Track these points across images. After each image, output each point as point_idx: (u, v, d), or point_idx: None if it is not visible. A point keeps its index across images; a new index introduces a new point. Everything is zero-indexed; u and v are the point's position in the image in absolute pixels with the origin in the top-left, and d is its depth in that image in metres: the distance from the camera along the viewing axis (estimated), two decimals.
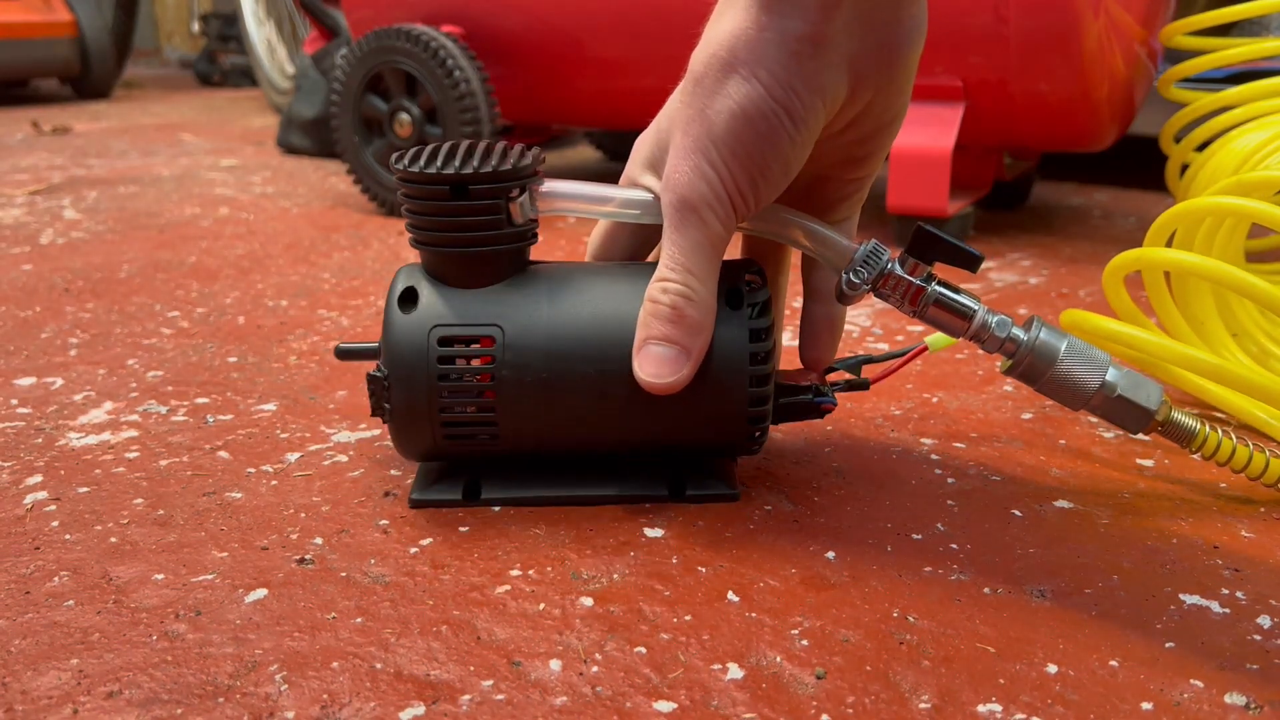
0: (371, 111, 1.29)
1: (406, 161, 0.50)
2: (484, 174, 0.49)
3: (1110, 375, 0.50)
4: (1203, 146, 0.94)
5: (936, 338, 0.55)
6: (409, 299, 0.50)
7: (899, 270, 0.49)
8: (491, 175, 0.49)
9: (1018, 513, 0.52)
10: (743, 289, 0.51)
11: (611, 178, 0.52)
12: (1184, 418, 0.51)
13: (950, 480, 0.56)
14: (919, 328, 0.84)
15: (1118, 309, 0.63)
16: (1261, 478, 0.52)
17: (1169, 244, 0.62)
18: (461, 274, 0.51)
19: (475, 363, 0.50)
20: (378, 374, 0.50)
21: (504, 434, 0.51)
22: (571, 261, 0.54)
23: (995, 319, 0.50)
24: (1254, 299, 0.53)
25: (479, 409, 0.50)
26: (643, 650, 0.41)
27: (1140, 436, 0.61)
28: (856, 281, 0.49)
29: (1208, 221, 0.64)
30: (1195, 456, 0.52)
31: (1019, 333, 0.50)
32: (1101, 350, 0.50)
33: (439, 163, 0.49)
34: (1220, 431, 0.51)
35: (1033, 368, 0.50)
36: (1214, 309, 0.64)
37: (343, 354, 0.54)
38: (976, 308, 0.50)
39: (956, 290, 0.50)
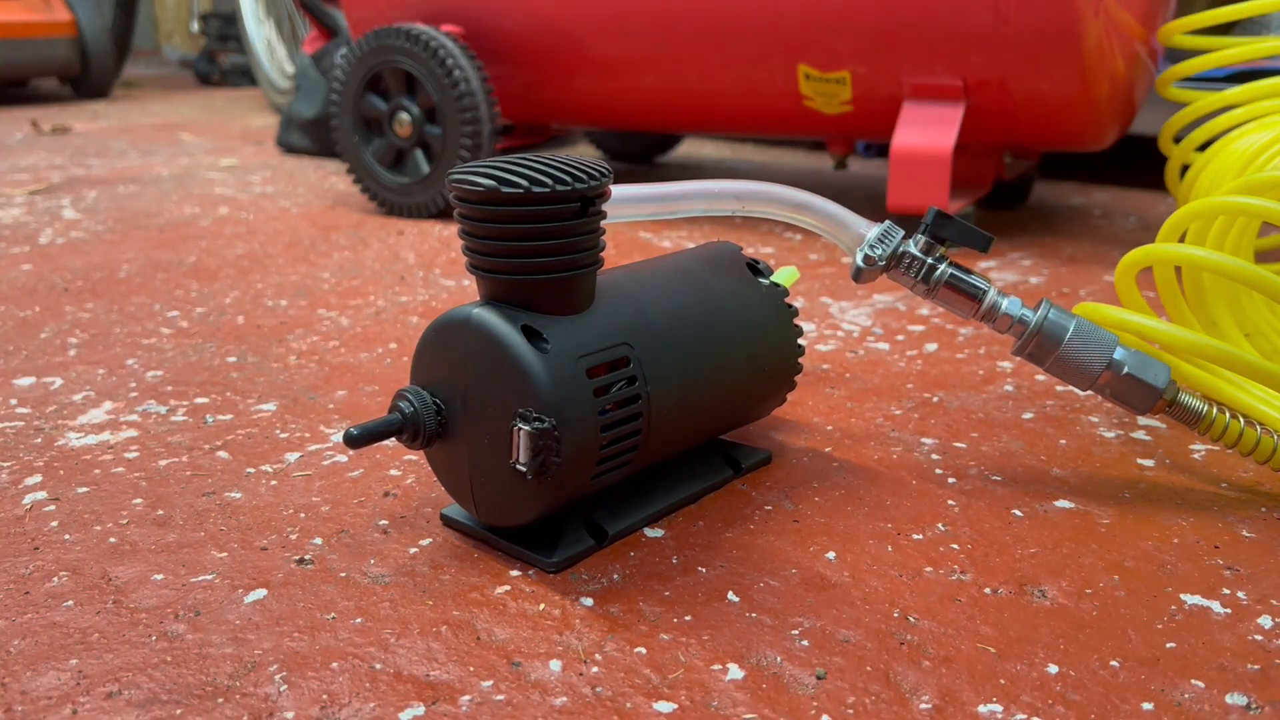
0: (371, 111, 1.29)
1: (507, 182, 0.43)
2: (599, 187, 0.44)
3: (1118, 354, 0.50)
4: (1203, 147, 0.94)
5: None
6: (534, 335, 0.44)
7: (913, 249, 0.51)
8: (602, 188, 0.45)
9: (1018, 513, 0.52)
10: (757, 262, 0.56)
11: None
12: (1191, 399, 0.51)
13: (950, 480, 0.56)
14: (920, 327, 0.84)
15: (1130, 307, 0.63)
16: (1270, 461, 0.52)
17: (1181, 242, 0.62)
18: (570, 297, 0.46)
19: (623, 386, 0.46)
20: (542, 425, 0.42)
21: (639, 457, 0.48)
22: (613, 268, 0.52)
23: (1005, 300, 0.51)
24: (1266, 293, 0.53)
25: (630, 435, 0.46)
26: (643, 650, 0.41)
27: (1145, 427, 0.61)
28: (873, 257, 0.51)
29: (1219, 221, 0.64)
30: (1201, 448, 0.52)
31: (1028, 313, 0.51)
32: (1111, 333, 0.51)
33: (527, 181, 0.43)
34: (1228, 414, 0.52)
35: (1041, 347, 0.51)
36: (1227, 308, 0.64)
37: (357, 440, 0.45)
38: (987, 288, 0.51)
39: (968, 271, 0.52)
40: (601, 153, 1.83)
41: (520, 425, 0.43)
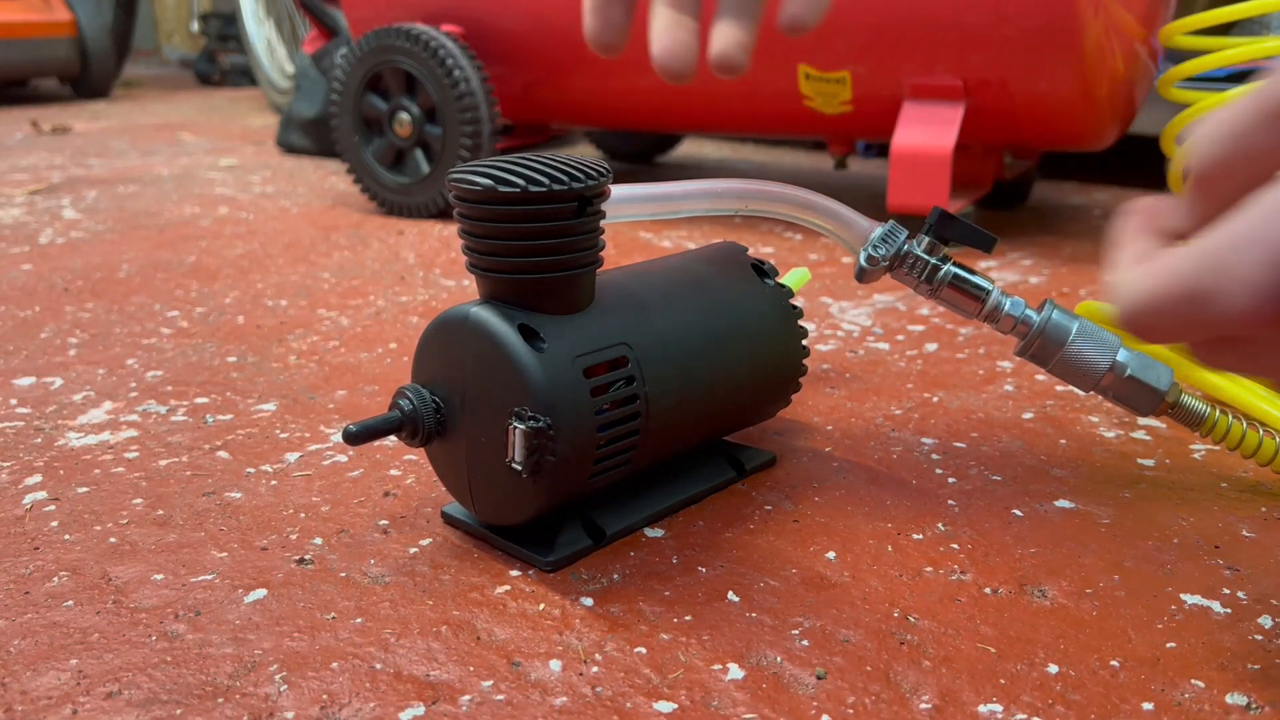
0: (371, 111, 1.29)
1: (505, 181, 0.42)
2: (597, 187, 0.44)
3: (1121, 356, 0.50)
4: None
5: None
6: (531, 335, 0.44)
7: (916, 250, 0.51)
8: (600, 188, 0.45)
9: (1018, 512, 0.52)
10: (762, 263, 0.56)
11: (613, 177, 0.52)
12: (1194, 401, 0.51)
13: (950, 480, 0.56)
14: (920, 327, 0.84)
15: None
16: (1271, 464, 0.52)
17: None
18: (568, 297, 0.46)
19: (621, 386, 0.46)
20: (536, 424, 0.42)
21: (636, 458, 0.48)
22: (616, 268, 0.52)
23: (1009, 300, 0.51)
24: None
25: (628, 435, 0.46)
26: (643, 650, 0.41)
27: (1145, 427, 0.61)
28: (877, 257, 0.51)
29: None
30: (1201, 448, 0.52)
31: (1031, 314, 0.51)
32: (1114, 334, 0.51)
33: (524, 180, 0.43)
34: (1230, 416, 0.52)
35: (1044, 348, 0.51)
36: None
37: (356, 437, 0.45)
38: (990, 288, 0.51)
39: (971, 271, 0.51)
40: (601, 153, 1.83)
41: (515, 424, 0.43)
